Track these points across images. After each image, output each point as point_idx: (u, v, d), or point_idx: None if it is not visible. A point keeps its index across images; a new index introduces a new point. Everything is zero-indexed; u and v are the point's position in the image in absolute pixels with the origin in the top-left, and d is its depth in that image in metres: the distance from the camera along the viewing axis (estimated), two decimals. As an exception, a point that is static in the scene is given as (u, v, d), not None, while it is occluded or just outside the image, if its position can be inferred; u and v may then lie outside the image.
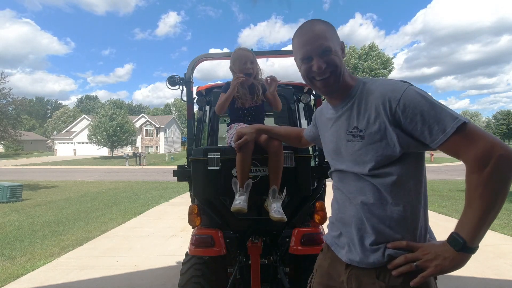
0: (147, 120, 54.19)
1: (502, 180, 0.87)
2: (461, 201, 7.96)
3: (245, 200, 1.85)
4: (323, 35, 1.09)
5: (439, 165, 24.10)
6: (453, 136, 0.89)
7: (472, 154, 0.88)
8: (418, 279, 0.96)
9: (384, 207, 1.03)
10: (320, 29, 1.10)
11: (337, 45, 1.12)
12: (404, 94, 0.97)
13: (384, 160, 1.01)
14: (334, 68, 1.09)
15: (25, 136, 23.73)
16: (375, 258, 1.03)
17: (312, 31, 1.10)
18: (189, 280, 2.12)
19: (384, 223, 1.03)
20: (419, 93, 0.96)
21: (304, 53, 1.11)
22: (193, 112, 2.64)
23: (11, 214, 7.40)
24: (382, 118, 1.00)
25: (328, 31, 1.11)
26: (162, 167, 26.16)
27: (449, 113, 0.91)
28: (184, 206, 7.92)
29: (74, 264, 4.13)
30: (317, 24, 1.12)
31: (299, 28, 1.15)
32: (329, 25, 1.13)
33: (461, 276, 3.52)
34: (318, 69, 1.09)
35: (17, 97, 16.77)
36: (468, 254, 0.94)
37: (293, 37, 1.17)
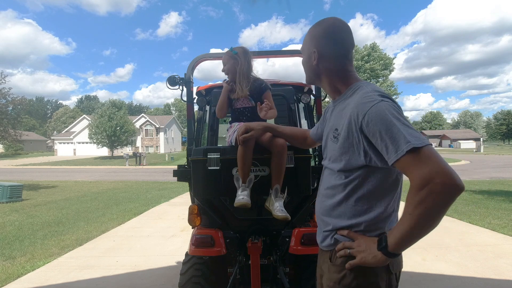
0: (147, 120, 54.18)
1: (434, 205, 0.91)
2: (461, 201, 7.99)
3: (248, 195, 1.85)
4: (304, 41, 1.30)
5: (439, 165, 24.08)
6: (403, 157, 0.94)
7: (416, 175, 0.93)
8: (348, 265, 1.10)
9: (345, 202, 1.15)
10: (306, 37, 1.30)
11: (307, 49, 1.28)
12: (370, 110, 1.02)
13: (353, 164, 1.10)
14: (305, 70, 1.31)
15: (25, 136, 23.66)
16: (328, 242, 1.20)
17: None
18: (189, 280, 2.13)
19: (338, 215, 1.17)
20: (383, 111, 1.00)
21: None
22: (193, 112, 2.64)
23: (11, 214, 7.40)
24: (352, 128, 1.07)
25: (306, 38, 1.28)
26: (162, 167, 26.16)
27: (404, 136, 0.94)
28: (184, 206, 7.92)
29: (74, 264, 4.13)
30: (309, 31, 1.30)
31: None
32: (311, 29, 1.28)
33: (461, 276, 3.52)
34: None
35: (17, 96, 16.78)
36: (388, 257, 1.03)
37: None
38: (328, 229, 1.20)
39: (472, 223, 5.90)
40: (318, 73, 1.28)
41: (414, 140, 0.93)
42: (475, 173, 17.26)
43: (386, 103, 1.01)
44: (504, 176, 14.99)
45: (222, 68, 2.20)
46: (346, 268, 1.10)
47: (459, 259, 4.05)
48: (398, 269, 1.17)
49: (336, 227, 1.17)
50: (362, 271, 1.09)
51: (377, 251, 1.03)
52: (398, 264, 1.16)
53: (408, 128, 0.96)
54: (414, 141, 0.93)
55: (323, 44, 1.23)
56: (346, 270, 1.11)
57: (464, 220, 6.11)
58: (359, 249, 1.08)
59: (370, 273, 1.09)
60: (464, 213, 6.73)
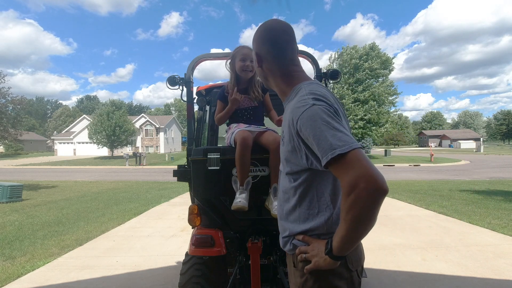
0: (147, 120, 54.18)
1: (361, 210, 0.92)
2: (461, 201, 8.00)
3: (245, 198, 1.85)
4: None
5: (439, 165, 24.10)
6: (330, 163, 0.95)
7: (343, 180, 0.94)
8: (305, 270, 1.12)
9: (298, 207, 1.16)
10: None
11: (253, 55, 1.30)
12: (302, 115, 1.03)
13: (298, 167, 1.12)
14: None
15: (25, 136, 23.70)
16: (288, 247, 1.21)
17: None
18: (189, 280, 2.12)
19: (294, 219, 1.18)
20: (313, 116, 1.00)
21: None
22: (193, 112, 2.64)
23: (11, 214, 7.40)
24: (291, 132, 1.09)
25: (253, 44, 1.30)
26: (162, 167, 26.15)
27: (330, 142, 0.95)
28: (184, 206, 7.93)
29: (74, 264, 4.13)
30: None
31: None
32: (255, 35, 1.28)
33: (461, 276, 3.52)
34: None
35: (16, 96, 16.78)
36: (335, 260, 1.05)
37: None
38: (286, 235, 1.21)
39: (472, 223, 5.90)
40: (265, 76, 1.29)
41: (340, 145, 0.93)
42: (475, 173, 17.26)
43: (317, 107, 1.01)
44: (504, 176, 14.99)
45: (245, 65, 2.05)
46: (305, 271, 1.12)
47: (459, 259, 4.05)
48: (359, 266, 1.18)
49: (293, 233, 1.18)
50: (322, 273, 1.10)
51: (325, 255, 1.06)
52: (358, 261, 1.17)
53: (336, 131, 0.96)
54: (340, 146, 0.93)
55: (260, 46, 1.25)
56: (307, 274, 1.12)
57: (464, 220, 6.11)
58: (313, 253, 1.10)
59: (330, 275, 1.10)
60: (464, 213, 6.72)
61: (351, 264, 1.13)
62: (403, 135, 77.21)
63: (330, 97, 1.11)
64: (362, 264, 1.22)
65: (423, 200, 8.41)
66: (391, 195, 9.30)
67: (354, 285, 1.14)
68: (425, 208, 7.39)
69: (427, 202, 8.10)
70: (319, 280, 1.11)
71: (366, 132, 31.02)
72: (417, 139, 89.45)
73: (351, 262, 1.13)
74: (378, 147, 57.93)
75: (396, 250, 4.46)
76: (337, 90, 30.72)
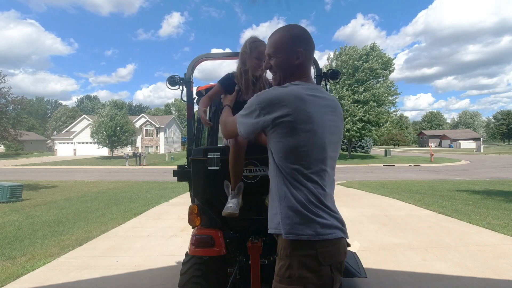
0: (147, 120, 54.17)
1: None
2: (461, 201, 8.00)
3: (236, 204, 1.84)
4: (275, 42, 1.41)
5: (439, 165, 24.09)
6: None
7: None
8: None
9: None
10: (275, 37, 1.41)
11: (289, 52, 1.37)
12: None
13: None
14: (276, 71, 1.43)
15: (25, 136, 23.67)
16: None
17: (271, 36, 1.45)
18: (189, 280, 2.12)
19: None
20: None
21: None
22: (193, 112, 2.64)
23: (11, 214, 7.40)
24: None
25: (281, 40, 1.39)
26: (162, 167, 26.15)
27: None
28: (184, 206, 7.92)
29: (74, 264, 4.13)
30: (277, 32, 1.42)
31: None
32: (287, 33, 1.39)
33: (461, 276, 3.52)
34: (266, 69, 1.51)
35: (17, 96, 16.78)
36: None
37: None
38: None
39: (472, 223, 5.90)
40: (293, 72, 1.38)
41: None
42: (475, 173, 17.26)
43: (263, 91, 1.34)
44: (504, 176, 14.99)
45: (260, 63, 1.95)
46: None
47: (459, 259, 4.05)
48: (332, 261, 1.20)
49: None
50: (293, 264, 1.19)
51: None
52: (331, 257, 1.20)
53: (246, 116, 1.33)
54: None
55: (306, 45, 1.37)
56: (281, 262, 1.23)
57: (464, 220, 6.11)
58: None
59: (300, 266, 1.18)
60: (464, 213, 6.72)
61: (322, 258, 1.17)
62: (403, 135, 77.19)
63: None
64: (339, 260, 1.23)
65: (423, 200, 8.41)
66: (391, 195, 9.30)
67: (323, 279, 1.17)
68: (425, 208, 7.38)
69: (427, 202, 8.10)
70: (290, 269, 1.19)
71: (365, 134, 30.94)
72: (417, 139, 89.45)
73: (322, 256, 1.17)
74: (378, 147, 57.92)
75: (396, 250, 4.46)
76: (336, 91, 30.68)
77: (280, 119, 1.23)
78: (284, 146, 1.26)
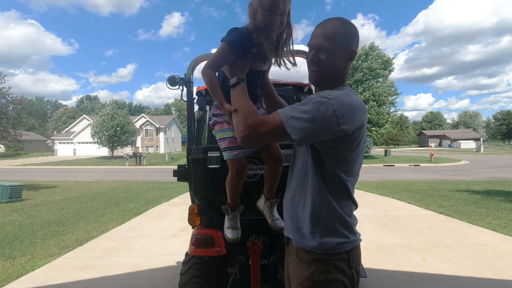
0: (147, 120, 54.17)
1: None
2: (461, 201, 7.99)
3: (238, 227, 1.77)
4: (330, 36, 1.19)
5: (439, 165, 24.09)
6: None
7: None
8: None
9: None
10: (333, 30, 1.20)
11: (342, 49, 1.22)
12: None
13: None
14: (322, 67, 1.22)
15: (25, 136, 23.66)
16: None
17: (326, 27, 1.21)
18: (189, 280, 2.12)
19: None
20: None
21: (309, 42, 1.25)
22: (193, 112, 2.64)
23: (11, 214, 7.40)
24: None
25: (339, 35, 1.20)
26: (162, 167, 26.14)
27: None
28: (184, 206, 7.92)
29: (74, 264, 4.13)
30: (336, 25, 1.21)
31: (323, 20, 1.27)
32: (347, 30, 1.22)
33: (461, 276, 3.52)
34: (310, 61, 1.25)
35: (17, 96, 16.77)
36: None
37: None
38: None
39: (472, 223, 5.90)
40: (339, 73, 1.26)
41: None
42: (475, 173, 17.26)
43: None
44: (504, 176, 14.99)
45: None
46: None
47: (459, 259, 4.05)
48: (358, 264, 1.26)
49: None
50: (328, 268, 1.18)
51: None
52: (357, 260, 1.26)
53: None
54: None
55: (357, 47, 1.27)
56: (313, 267, 1.19)
57: (464, 220, 6.11)
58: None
59: (335, 269, 1.18)
60: (464, 213, 6.72)
61: (352, 262, 1.21)
62: (403, 135, 77.16)
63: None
64: (361, 263, 1.31)
65: (423, 200, 8.41)
66: (391, 195, 9.30)
67: (354, 282, 1.22)
68: (425, 208, 7.38)
69: (427, 202, 8.09)
70: (326, 273, 1.18)
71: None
72: (417, 139, 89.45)
73: (352, 260, 1.21)
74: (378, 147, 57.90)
75: (396, 250, 4.46)
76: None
77: (358, 131, 1.15)
78: (345, 158, 1.19)
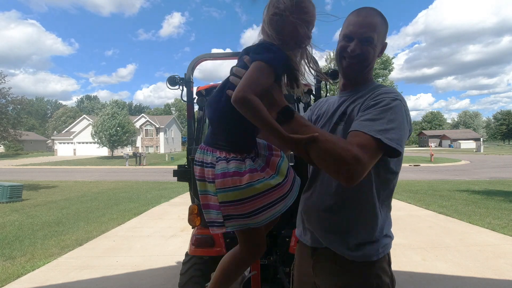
0: (147, 120, 54.18)
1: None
2: (461, 201, 8.00)
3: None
4: (374, 26, 1.13)
5: (439, 165, 24.09)
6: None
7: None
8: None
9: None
10: (375, 20, 1.14)
11: (380, 43, 1.17)
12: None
13: None
14: (364, 58, 1.14)
15: (25, 136, 23.65)
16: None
17: (369, 17, 1.14)
18: (189, 280, 2.13)
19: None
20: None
21: (349, 31, 1.15)
22: (193, 112, 2.65)
23: (11, 214, 7.40)
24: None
25: (380, 27, 1.14)
26: (162, 167, 26.14)
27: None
28: (184, 206, 7.92)
29: (74, 264, 4.13)
30: (376, 15, 1.15)
31: (360, 8, 1.18)
32: (384, 22, 1.17)
33: (461, 276, 3.52)
34: (351, 52, 1.13)
35: (17, 96, 16.78)
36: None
37: (350, 13, 1.20)
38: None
39: (472, 223, 5.90)
40: (371, 68, 1.23)
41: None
42: (475, 173, 17.25)
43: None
44: (504, 176, 14.99)
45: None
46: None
47: (459, 259, 4.05)
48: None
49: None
50: (371, 271, 1.12)
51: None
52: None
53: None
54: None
55: (385, 36, 1.22)
56: (355, 270, 1.12)
57: (464, 220, 6.11)
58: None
59: (379, 271, 1.13)
60: (464, 213, 6.72)
61: (391, 262, 1.21)
62: (403, 135, 76.78)
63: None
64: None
65: (423, 200, 8.41)
66: (391, 195, 9.29)
67: (393, 283, 1.18)
68: (425, 208, 7.39)
69: (427, 202, 8.10)
70: (378, 278, 1.11)
71: None
72: (417, 139, 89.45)
73: (391, 260, 1.20)
74: (378, 147, 57.84)
75: (396, 250, 4.46)
76: (332, 92, 30.61)
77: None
78: (396, 164, 1.18)
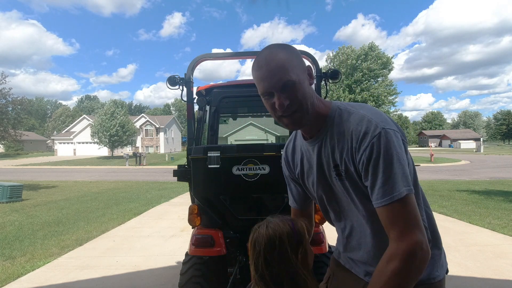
0: (147, 120, 54.19)
1: (412, 279, 0.87)
2: (461, 201, 7.99)
3: None
4: (282, 66, 0.92)
5: (438, 165, 24.09)
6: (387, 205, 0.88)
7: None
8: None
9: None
10: (278, 60, 0.93)
11: (302, 73, 0.97)
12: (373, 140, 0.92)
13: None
14: (298, 104, 0.94)
15: (25, 136, 23.64)
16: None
17: (270, 62, 0.93)
18: (189, 280, 2.13)
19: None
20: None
21: (264, 89, 0.95)
22: (193, 112, 2.64)
23: (11, 214, 7.40)
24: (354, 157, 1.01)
25: (289, 60, 0.94)
26: (162, 167, 26.14)
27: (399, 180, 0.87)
28: (184, 206, 7.92)
29: (74, 264, 4.13)
30: (275, 54, 0.94)
31: (257, 58, 0.98)
32: (289, 51, 0.97)
33: (461, 276, 3.52)
34: (280, 107, 0.94)
35: (17, 96, 16.78)
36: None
37: (252, 69, 1.00)
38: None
39: (472, 223, 5.90)
40: (314, 96, 1.02)
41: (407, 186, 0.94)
42: (475, 173, 17.25)
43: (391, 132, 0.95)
44: (504, 176, 14.99)
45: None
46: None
47: (459, 259, 4.05)
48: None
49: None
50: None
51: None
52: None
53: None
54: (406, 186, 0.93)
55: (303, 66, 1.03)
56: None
57: (464, 220, 6.11)
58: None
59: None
60: (464, 213, 6.72)
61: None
62: (403, 135, 76.81)
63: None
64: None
65: (423, 200, 8.40)
66: (391, 195, 9.29)
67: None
68: (425, 208, 7.38)
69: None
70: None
71: None
72: (417, 139, 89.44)
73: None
74: (378, 147, 57.91)
75: (396, 250, 4.45)
76: (332, 92, 30.67)
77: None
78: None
